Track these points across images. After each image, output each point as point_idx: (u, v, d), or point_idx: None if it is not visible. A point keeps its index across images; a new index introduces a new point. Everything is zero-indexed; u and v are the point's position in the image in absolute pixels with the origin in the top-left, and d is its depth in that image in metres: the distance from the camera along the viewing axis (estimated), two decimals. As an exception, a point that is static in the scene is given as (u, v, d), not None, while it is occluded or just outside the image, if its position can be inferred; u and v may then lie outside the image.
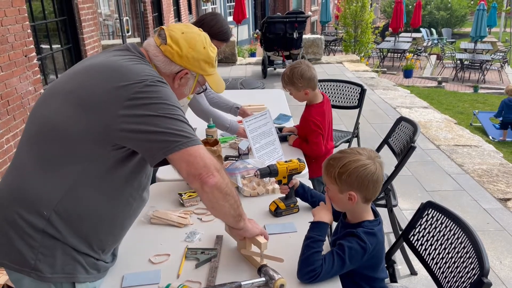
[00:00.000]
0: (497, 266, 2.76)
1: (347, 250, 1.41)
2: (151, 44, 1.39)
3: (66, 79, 1.29)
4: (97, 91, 1.20)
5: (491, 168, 4.17)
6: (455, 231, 1.60)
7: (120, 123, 1.18)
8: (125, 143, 1.22)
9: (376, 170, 1.43)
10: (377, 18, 24.39)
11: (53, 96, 1.27)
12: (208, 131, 2.49)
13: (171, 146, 1.20)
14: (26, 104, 3.73)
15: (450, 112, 8.72)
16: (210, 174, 1.24)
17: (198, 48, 1.40)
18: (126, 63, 1.26)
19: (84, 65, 1.32)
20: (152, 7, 9.14)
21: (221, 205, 1.32)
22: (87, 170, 1.23)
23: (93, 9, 5.47)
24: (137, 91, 1.19)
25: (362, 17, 12.42)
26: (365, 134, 4.99)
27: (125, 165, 1.27)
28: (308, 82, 2.49)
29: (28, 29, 3.82)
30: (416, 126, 2.62)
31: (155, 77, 1.25)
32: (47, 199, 1.22)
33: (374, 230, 1.45)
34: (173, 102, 1.24)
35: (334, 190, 1.47)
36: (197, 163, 1.23)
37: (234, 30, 14.07)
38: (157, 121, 1.19)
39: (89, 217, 1.28)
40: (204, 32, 2.33)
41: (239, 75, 8.61)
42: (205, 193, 1.27)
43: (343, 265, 1.40)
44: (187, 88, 1.46)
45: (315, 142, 2.53)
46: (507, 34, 20.61)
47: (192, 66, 1.40)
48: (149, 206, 1.83)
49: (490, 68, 14.16)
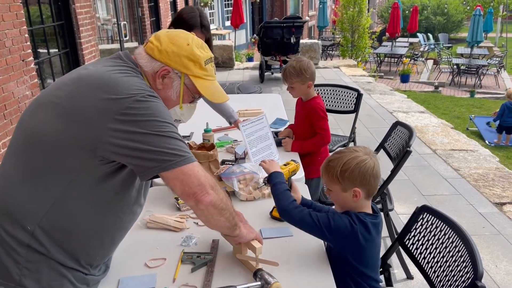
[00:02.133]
0: (492, 270, 2.77)
1: (336, 217, 1.47)
2: (139, 47, 1.36)
3: (54, 89, 1.24)
4: (85, 104, 1.15)
5: (487, 173, 4.18)
6: (450, 235, 1.61)
7: (108, 137, 1.14)
8: (114, 157, 1.18)
9: (374, 164, 1.47)
10: (374, 23, 24.49)
11: (41, 106, 1.22)
12: (205, 135, 2.50)
13: (163, 165, 1.17)
14: (23, 108, 3.73)
15: (447, 116, 8.76)
16: (205, 193, 1.22)
17: (179, 43, 1.31)
18: (115, 75, 1.21)
19: (73, 75, 1.26)
20: (150, 11, 9.17)
21: (216, 219, 1.32)
22: (74, 183, 1.18)
23: (90, 14, 5.48)
24: (127, 106, 1.14)
25: (359, 22, 12.48)
26: (362, 139, 5.00)
27: (114, 179, 1.23)
28: (312, 75, 2.56)
29: (25, 33, 3.83)
30: (411, 131, 2.63)
31: (145, 91, 1.20)
32: (32, 213, 1.18)
33: (367, 220, 1.46)
34: (164, 118, 1.19)
35: (337, 190, 1.49)
36: (191, 182, 1.20)
37: (232, 35, 14.10)
38: (149, 139, 1.15)
39: (76, 231, 1.24)
40: (172, 27, 2.33)
41: (237, 79, 8.63)
42: (200, 210, 1.27)
43: (326, 225, 1.45)
44: (173, 91, 1.35)
45: (325, 129, 2.59)
46: (503, 39, 20.72)
47: (173, 63, 1.30)
48: (145, 210, 1.83)
49: (486, 73, 14.24)
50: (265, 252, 1.49)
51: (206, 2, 15.37)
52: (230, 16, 13.03)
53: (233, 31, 13.31)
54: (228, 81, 8.35)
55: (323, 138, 2.60)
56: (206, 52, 1.37)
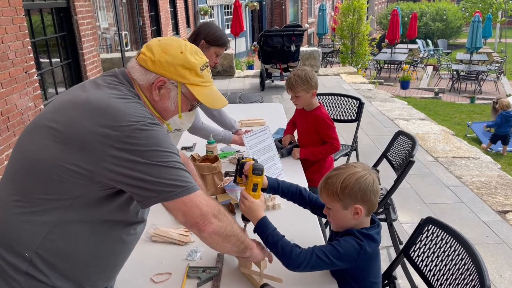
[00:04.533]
0: (497, 280, 2.76)
1: (342, 243, 1.42)
2: (132, 60, 1.31)
3: (52, 112, 1.20)
4: (84, 130, 1.12)
5: (489, 180, 4.18)
6: (456, 247, 1.61)
7: (108, 163, 1.11)
8: (113, 184, 1.15)
9: (374, 180, 1.45)
10: (374, 29, 24.60)
11: (38, 130, 1.19)
12: (208, 147, 2.50)
13: (163, 196, 1.16)
14: (26, 120, 3.74)
15: (448, 123, 8.77)
16: (207, 222, 1.21)
17: (172, 52, 1.26)
18: (115, 100, 1.18)
19: (71, 98, 1.22)
20: (150, 21, 9.23)
21: (221, 246, 1.31)
22: (72, 208, 1.16)
23: (92, 25, 5.52)
24: (127, 135, 1.11)
25: (358, 29, 12.54)
26: (363, 147, 5.01)
27: (113, 201, 1.20)
28: (316, 83, 2.59)
29: (28, 45, 3.85)
30: (414, 141, 2.63)
31: (146, 119, 1.17)
32: (29, 239, 1.15)
33: (371, 233, 1.45)
34: (166, 147, 1.17)
35: (337, 208, 1.45)
36: (193, 212, 1.19)
37: (232, 42, 14.17)
38: (149, 169, 1.13)
39: (76, 256, 1.21)
40: (203, 41, 2.40)
41: (238, 87, 8.66)
42: (204, 238, 1.26)
43: (337, 256, 1.40)
44: (171, 101, 1.30)
45: (334, 137, 2.62)
46: (503, 45, 20.81)
47: (168, 73, 1.26)
48: (150, 223, 1.83)
49: (486, 79, 14.27)
50: (270, 266, 1.49)
51: (206, 10, 15.47)
52: (230, 24, 13.10)
53: (233, 39, 13.37)
54: (229, 89, 8.37)
55: (333, 146, 2.63)
56: (201, 57, 1.32)
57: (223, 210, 1.29)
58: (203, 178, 2.12)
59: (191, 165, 1.77)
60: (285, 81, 8.54)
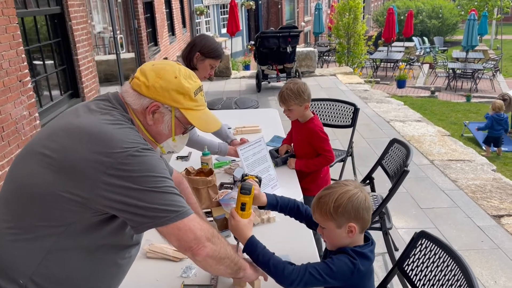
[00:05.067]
0: (492, 286, 2.78)
1: (336, 261, 1.42)
2: (126, 84, 1.32)
3: (44, 138, 1.21)
4: (77, 157, 1.13)
5: (484, 184, 4.20)
6: (448, 263, 1.62)
7: (102, 190, 1.12)
8: (106, 210, 1.17)
9: (365, 197, 1.45)
10: (370, 27, 24.60)
11: (31, 156, 1.19)
12: (203, 158, 2.51)
13: (157, 221, 1.17)
14: (21, 129, 3.73)
15: (443, 123, 8.80)
16: (202, 246, 1.22)
17: (167, 77, 1.27)
18: (108, 127, 1.18)
19: (64, 125, 1.22)
20: (146, 23, 9.20)
21: (215, 268, 1.32)
22: (67, 233, 1.16)
23: (87, 30, 5.50)
24: (120, 161, 1.12)
25: (354, 29, 12.54)
26: (360, 150, 5.02)
27: (107, 226, 1.21)
28: (309, 96, 2.59)
29: (22, 54, 3.84)
30: (409, 150, 2.65)
31: (139, 144, 1.18)
32: (24, 266, 1.16)
33: (365, 251, 1.46)
34: (159, 172, 1.18)
35: (330, 227, 1.45)
36: (187, 236, 1.20)
37: (228, 42, 14.15)
38: (143, 195, 1.14)
39: (71, 281, 1.21)
40: (198, 53, 2.41)
41: (234, 89, 8.65)
42: (198, 262, 1.27)
43: (330, 273, 1.40)
44: (164, 125, 1.32)
45: (328, 150, 2.63)
46: (498, 41, 20.83)
47: (162, 98, 1.27)
48: (145, 239, 1.83)
49: (482, 77, 14.30)
50: (264, 284, 1.49)
51: (202, 10, 15.44)
52: (226, 24, 13.10)
53: (229, 38, 13.36)
54: (225, 91, 8.37)
55: (327, 158, 2.64)
56: (195, 81, 1.33)
57: (216, 233, 1.30)
58: (198, 192, 2.13)
59: (185, 183, 1.77)
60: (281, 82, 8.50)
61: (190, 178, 2.16)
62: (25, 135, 3.77)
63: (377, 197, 2.94)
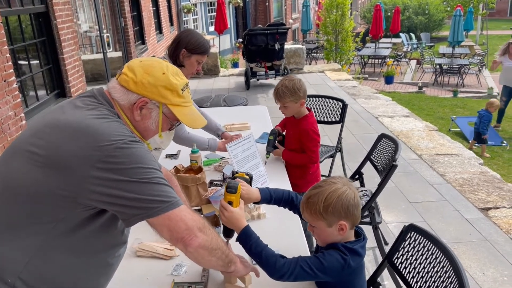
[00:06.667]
0: (480, 278, 2.82)
1: (327, 256, 1.43)
2: (112, 81, 1.32)
3: (30, 136, 1.20)
4: (65, 153, 1.12)
5: (471, 177, 4.25)
6: (437, 255, 1.64)
7: (90, 184, 1.11)
8: (96, 204, 1.16)
9: (354, 194, 1.45)
10: (357, 24, 24.71)
11: (17, 154, 1.18)
12: (192, 156, 2.49)
13: (148, 213, 1.16)
14: (7, 129, 3.67)
15: (431, 118, 8.87)
16: (193, 236, 1.22)
17: (155, 73, 1.28)
18: (94, 121, 1.18)
19: (50, 121, 1.21)
20: (132, 21, 9.12)
21: (207, 260, 1.31)
22: (55, 231, 1.16)
23: (73, 28, 5.43)
24: (107, 154, 1.12)
25: (342, 25, 12.57)
26: (348, 146, 5.04)
27: (96, 222, 1.21)
28: (304, 93, 2.59)
29: (7, 53, 3.77)
30: (397, 144, 2.67)
31: (126, 137, 1.17)
32: (12, 265, 1.15)
33: (356, 247, 1.46)
34: (147, 163, 1.18)
35: (321, 226, 1.45)
36: (178, 227, 1.20)
37: (216, 40, 14.11)
38: (133, 187, 1.14)
39: (59, 279, 1.21)
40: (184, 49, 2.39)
41: (223, 87, 8.63)
42: (189, 253, 1.26)
43: (321, 268, 1.41)
44: (152, 121, 1.33)
45: (313, 151, 2.62)
46: (484, 37, 21.07)
47: (150, 93, 1.28)
48: (134, 238, 1.82)
49: (468, 72, 14.46)
50: (255, 280, 1.49)
51: (189, 8, 15.35)
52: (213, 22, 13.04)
53: (217, 36, 13.31)
54: (214, 89, 8.34)
55: (311, 158, 2.64)
56: (182, 79, 1.35)
57: (207, 224, 1.31)
58: (187, 189, 2.12)
59: (174, 181, 1.77)
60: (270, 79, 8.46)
61: (179, 175, 2.15)
62: (11, 136, 3.72)
63: (367, 192, 2.96)
